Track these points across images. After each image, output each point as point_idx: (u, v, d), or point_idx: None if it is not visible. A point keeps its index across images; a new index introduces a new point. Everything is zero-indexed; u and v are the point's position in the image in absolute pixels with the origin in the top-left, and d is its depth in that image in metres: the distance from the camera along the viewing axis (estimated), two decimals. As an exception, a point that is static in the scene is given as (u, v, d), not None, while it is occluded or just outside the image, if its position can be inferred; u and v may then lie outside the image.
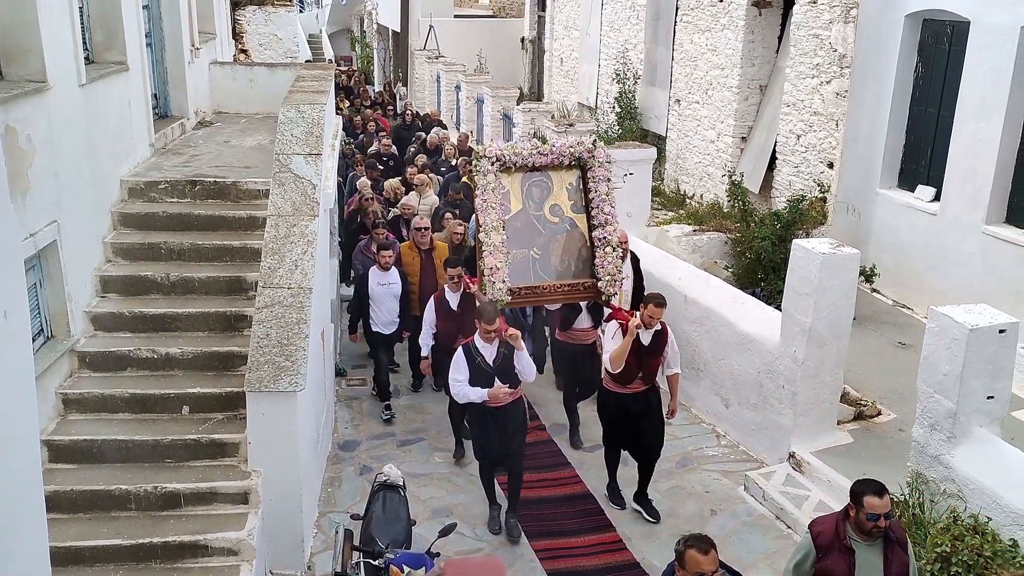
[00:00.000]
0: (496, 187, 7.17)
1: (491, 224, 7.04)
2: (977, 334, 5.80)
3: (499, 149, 7.28)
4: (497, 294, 7.02)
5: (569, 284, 7.44)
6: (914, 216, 10.40)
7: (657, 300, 6.67)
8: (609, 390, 6.99)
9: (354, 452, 8.29)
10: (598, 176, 7.45)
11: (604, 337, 6.95)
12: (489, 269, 6.99)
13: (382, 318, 8.78)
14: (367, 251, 9.51)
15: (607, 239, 7.39)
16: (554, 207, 7.47)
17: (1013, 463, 5.83)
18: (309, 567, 6.59)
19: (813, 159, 11.87)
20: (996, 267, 9.23)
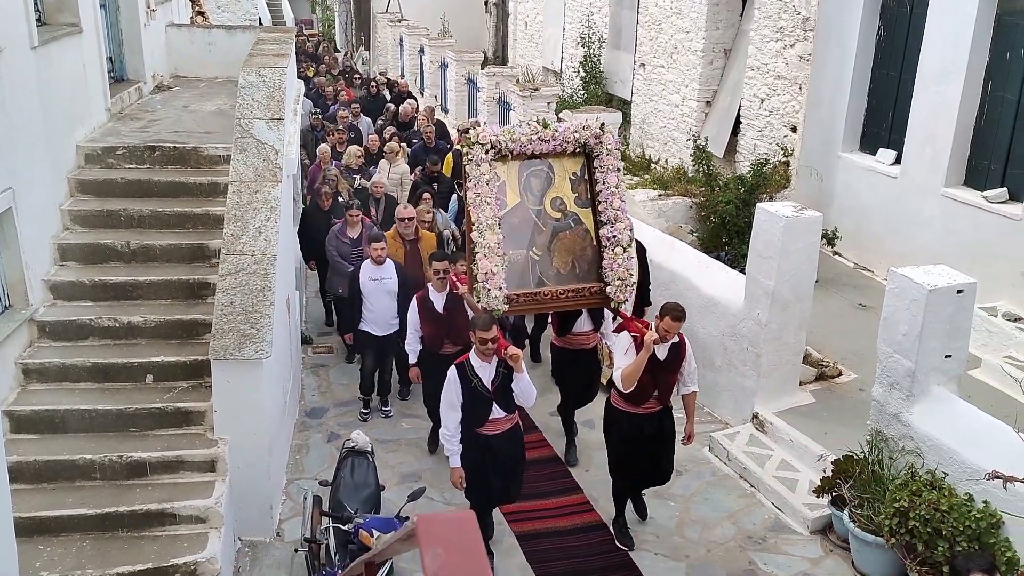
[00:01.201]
0: (491, 179, 6.11)
1: (485, 222, 6.01)
2: (936, 295, 5.92)
3: (494, 135, 6.19)
4: (492, 303, 6.00)
5: (574, 289, 6.38)
6: (875, 179, 10.53)
7: (675, 312, 5.89)
8: (619, 409, 6.20)
9: (321, 419, 8.28)
10: (606, 165, 6.39)
11: (615, 350, 6.15)
12: (483, 274, 5.98)
13: (374, 317, 7.95)
14: (342, 235, 8.94)
15: (617, 238, 6.33)
16: (556, 200, 6.43)
17: (969, 420, 5.98)
18: (278, 533, 6.61)
19: (777, 123, 11.94)
20: (955, 229, 9.39)
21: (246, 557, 6.35)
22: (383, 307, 7.88)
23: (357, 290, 7.90)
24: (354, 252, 8.76)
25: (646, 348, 5.79)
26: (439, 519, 1.01)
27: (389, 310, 7.89)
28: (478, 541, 0.96)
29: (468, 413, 5.77)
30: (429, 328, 7.18)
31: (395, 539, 1.60)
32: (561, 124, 6.38)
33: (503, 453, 5.92)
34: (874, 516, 5.88)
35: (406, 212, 8.64)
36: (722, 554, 6.38)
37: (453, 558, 0.90)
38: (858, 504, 6.07)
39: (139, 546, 5.75)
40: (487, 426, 5.82)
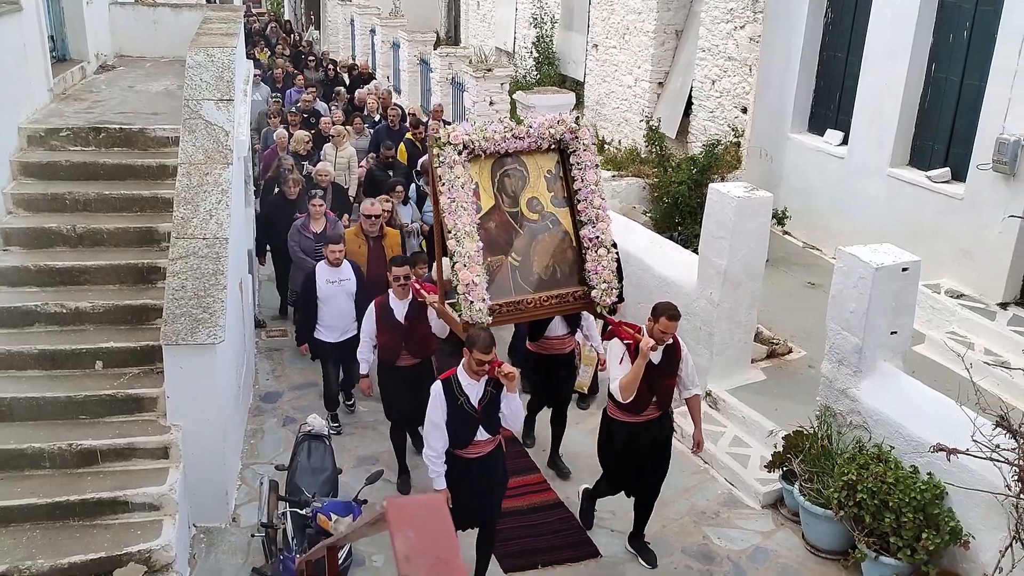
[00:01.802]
0: (466, 182, 5.62)
1: (463, 229, 5.52)
2: (882, 272, 6.06)
3: (466, 133, 5.68)
4: (477, 316, 5.51)
5: (557, 295, 5.93)
6: (823, 160, 10.71)
7: (670, 312, 5.52)
8: (617, 420, 5.84)
9: (276, 403, 8.22)
10: (583, 162, 5.96)
11: (608, 360, 5.78)
12: (465, 286, 5.49)
13: (330, 322, 7.47)
14: (304, 230, 8.53)
15: (600, 239, 5.92)
16: (532, 201, 5.97)
17: (914, 394, 6.15)
18: (234, 519, 6.56)
19: (728, 104, 12.06)
20: (899, 208, 9.60)
21: (201, 543, 6.30)
22: (341, 311, 7.45)
23: (313, 294, 7.43)
24: (317, 248, 8.35)
25: (643, 355, 5.42)
26: (409, 503, 1.01)
27: (348, 314, 7.46)
28: (448, 524, 0.96)
29: (451, 434, 5.31)
30: (386, 338, 6.65)
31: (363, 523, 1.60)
32: (535, 120, 5.92)
33: (484, 477, 5.47)
34: (823, 490, 6.03)
35: (373, 208, 8.12)
36: (677, 530, 6.49)
37: (424, 541, 0.91)
38: (808, 478, 6.21)
39: (91, 535, 5.67)
40: (470, 448, 5.37)
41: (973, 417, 5.01)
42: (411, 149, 11.53)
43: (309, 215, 8.64)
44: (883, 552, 5.61)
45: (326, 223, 8.62)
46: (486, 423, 5.35)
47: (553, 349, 6.97)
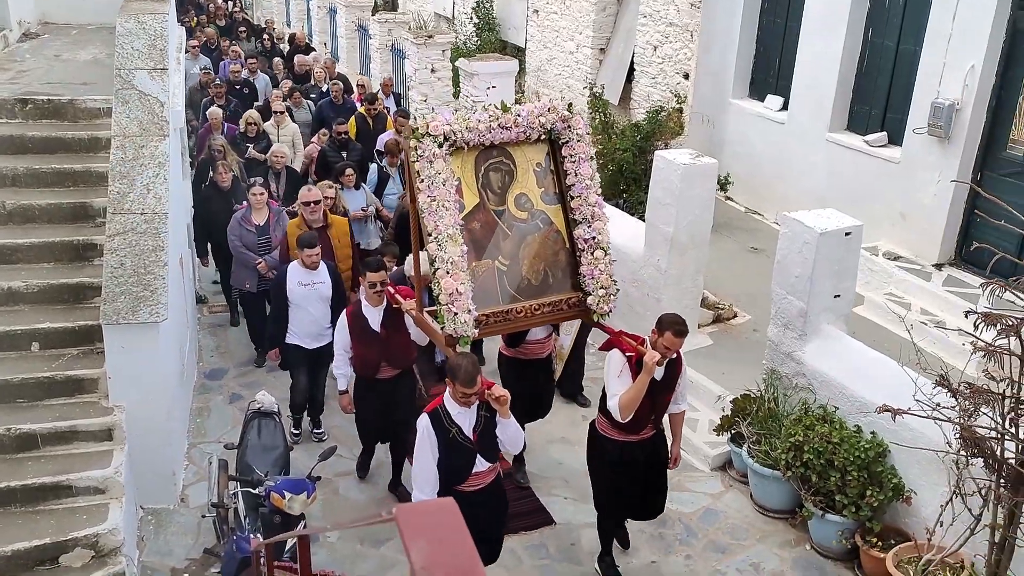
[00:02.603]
0: (448, 178, 5.04)
1: (446, 231, 4.96)
2: (826, 237, 6.16)
3: (447, 123, 5.09)
4: (462, 328, 4.97)
5: (550, 303, 5.41)
6: (764, 125, 10.82)
7: (677, 327, 5.05)
8: (609, 438, 5.39)
9: (221, 380, 8.07)
10: (577, 154, 5.42)
11: (607, 374, 5.28)
12: (448, 295, 4.94)
13: (304, 328, 6.80)
14: (246, 222, 7.85)
15: (596, 240, 5.42)
16: (520, 198, 5.43)
17: (857, 356, 6.29)
18: (182, 499, 6.45)
19: (670, 70, 12.08)
20: (838, 172, 9.77)
21: (150, 525, 6.18)
22: (315, 316, 6.80)
23: (283, 298, 6.74)
24: (262, 243, 7.83)
25: (647, 371, 4.97)
26: (418, 510, 0.97)
27: (323, 318, 6.80)
28: (463, 529, 0.93)
29: (446, 469, 4.78)
30: (362, 350, 6.06)
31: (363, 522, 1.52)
32: (523, 107, 5.35)
33: (486, 510, 4.90)
34: (771, 451, 6.16)
35: (311, 195, 7.43)
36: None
37: (439, 550, 0.87)
38: (756, 440, 6.34)
39: (35, 521, 5.51)
40: (469, 481, 4.87)
41: (914, 377, 5.16)
42: (362, 125, 10.83)
43: (249, 205, 7.92)
44: (829, 510, 5.76)
45: (269, 213, 7.94)
46: (484, 451, 4.84)
47: (532, 354, 6.42)
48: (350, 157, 9.81)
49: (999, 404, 4.60)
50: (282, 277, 6.79)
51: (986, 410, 4.66)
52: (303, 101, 12.08)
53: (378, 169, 9.54)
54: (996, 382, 4.64)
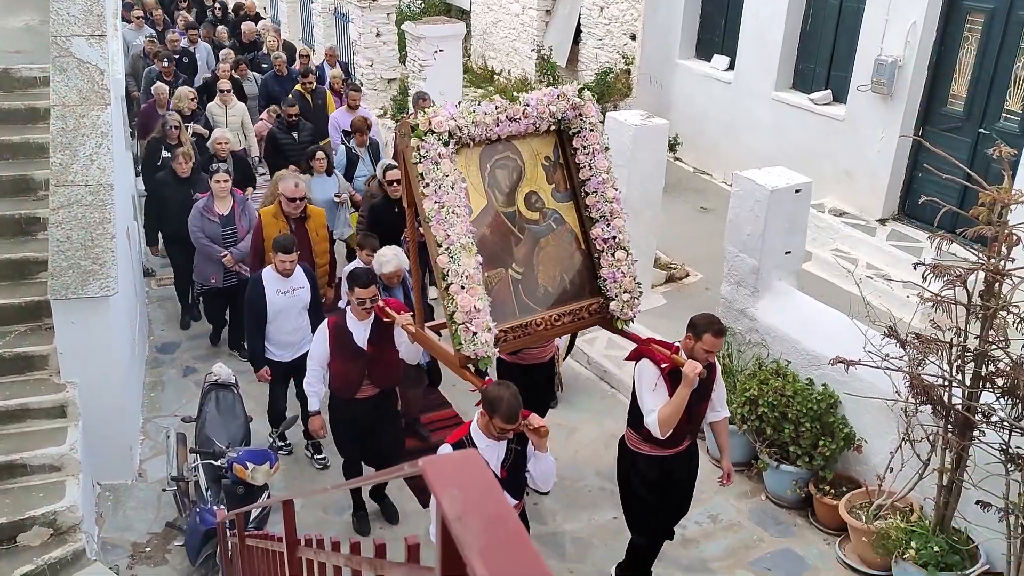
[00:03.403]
0: (456, 181, 4.49)
1: (458, 241, 4.44)
2: (777, 195, 6.26)
3: (451, 116, 4.52)
4: (483, 349, 4.47)
5: (569, 312, 4.95)
6: (711, 85, 10.89)
7: (716, 327, 4.60)
8: (643, 454, 4.88)
9: (174, 354, 7.95)
10: (591, 145, 4.96)
11: (639, 387, 4.76)
12: (465, 313, 4.43)
13: (281, 338, 6.20)
14: (208, 212, 7.25)
15: (617, 239, 4.98)
16: (531, 196, 4.94)
17: (808, 311, 6.43)
18: (140, 474, 6.38)
19: (617, 31, 12.07)
20: (785, 131, 9.90)
21: (108, 501, 6.11)
22: (295, 325, 6.21)
23: (262, 311, 6.08)
24: (227, 233, 7.28)
25: (688, 383, 4.50)
26: (446, 461, 0.98)
27: (302, 328, 6.21)
28: (491, 479, 0.93)
29: None
30: (343, 367, 5.39)
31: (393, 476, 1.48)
32: (531, 96, 4.86)
33: None
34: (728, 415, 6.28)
35: (297, 191, 6.81)
36: (589, 454, 6.67)
37: (473, 498, 0.87)
38: (711, 396, 6.45)
39: (-11, 501, 5.41)
40: None
41: (864, 330, 5.30)
42: (300, 102, 9.83)
43: (212, 194, 7.34)
44: (783, 461, 5.92)
45: (233, 202, 7.40)
46: (511, 488, 4.34)
47: (533, 358, 5.85)
48: (301, 138, 9.26)
49: (946, 352, 4.77)
50: (257, 286, 6.07)
51: (933, 359, 4.83)
52: (248, 73, 11.36)
53: (346, 151, 8.92)
54: (943, 331, 4.80)
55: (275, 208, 6.93)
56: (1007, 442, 4.66)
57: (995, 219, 4.56)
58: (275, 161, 9.16)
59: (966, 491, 4.93)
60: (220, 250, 7.26)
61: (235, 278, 7.35)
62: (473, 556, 0.80)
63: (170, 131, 8.45)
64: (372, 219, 7.41)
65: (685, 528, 5.92)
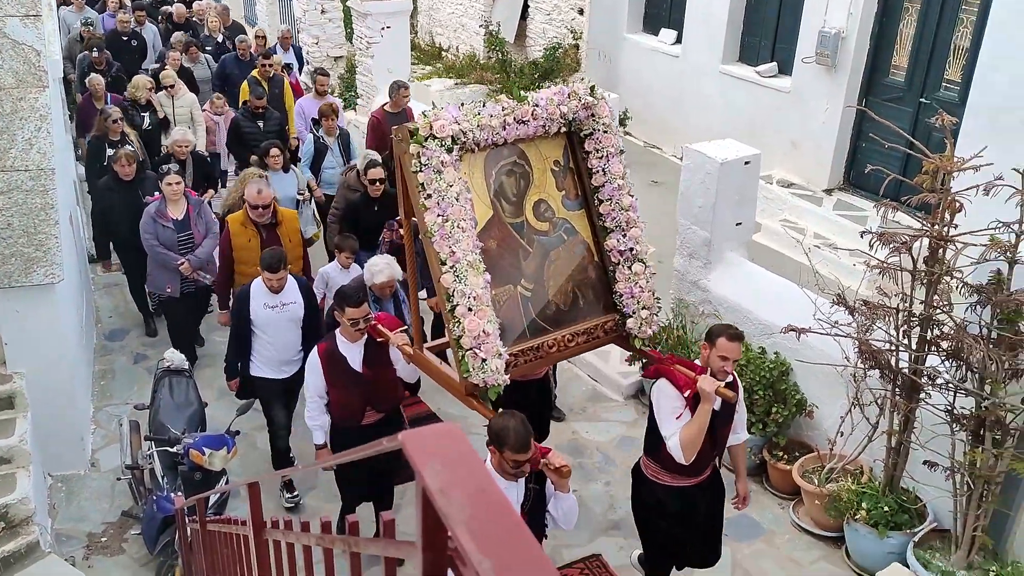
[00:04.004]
0: (462, 192, 4.12)
1: (465, 258, 4.06)
2: (727, 167, 6.33)
3: (454, 119, 4.15)
4: (493, 377, 4.09)
5: (584, 331, 4.60)
6: (658, 59, 10.95)
7: (731, 331, 4.25)
8: (662, 484, 4.48)
9: (123, 341, 7.80)
10: (604, 147, 4.60)
11: (657, 411, 4.34)
12: (474, 337, 4.06)
13: (270, 354, 5.68)
14: (162, 218, 6.71)
15: (634, 251, 4.67)
16: (540, 205, 4.57)
17: (759, 281, 6.54)
18: (93, 464, 6.27)
19: (564, 6, 12.04)
20: (732, 104, 10.00)
21: (61, 492, 6.00)
22: (285, 342, 5.70)
23: (246, 324, 5.63)
24: (183, 240, 6.77)
25: (706, 398, 4.12)
26: (426, 434, 0.97)
27: (294, 344, 5.72)
28: (472, 452, 0.93)
29: None
30: (343, 395, 4.98)
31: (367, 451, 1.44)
32: (540, 95, 4.47)
33: None
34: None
35: (260, 198, 6.21)
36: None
37: (456, 472, 0.87)
38: (666, 367, 6.54)
39: (-63, 497, 5.28)
40: None
41: (813, 298, 5.41)
42: (256, 90, 9.06)
43: (164, 197, 6.79)
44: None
45: (187, 205, 6.85)
46: (532, 530, 3.55)
47: (529, 375, 5.11)
48: (267, 127, 8.67)
49: (893, 318, 4.89)
50: (243, 299, 5.64)
51: (881, 324, 4.95)
52: (200, 55, 10.75)
53: (314, 140, 8.40)
54: (889, 298, 4.92)
55: (243, 215, 6.37)
56: (952, 403, 4.81)
57: (938, 186, 4.67)
58: (239, 152, 8.68)
59: (914, 452, 5.08)
60: (176, 257, 6.72)
61: (192, 285, 6.89)
62: (459, 528, 0.81)
63: (111, 126, 7.95)
64: (350, 217, 7.06)
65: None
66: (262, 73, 9.55)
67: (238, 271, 6.33)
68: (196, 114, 9.33)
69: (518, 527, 0.83)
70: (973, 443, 4.74)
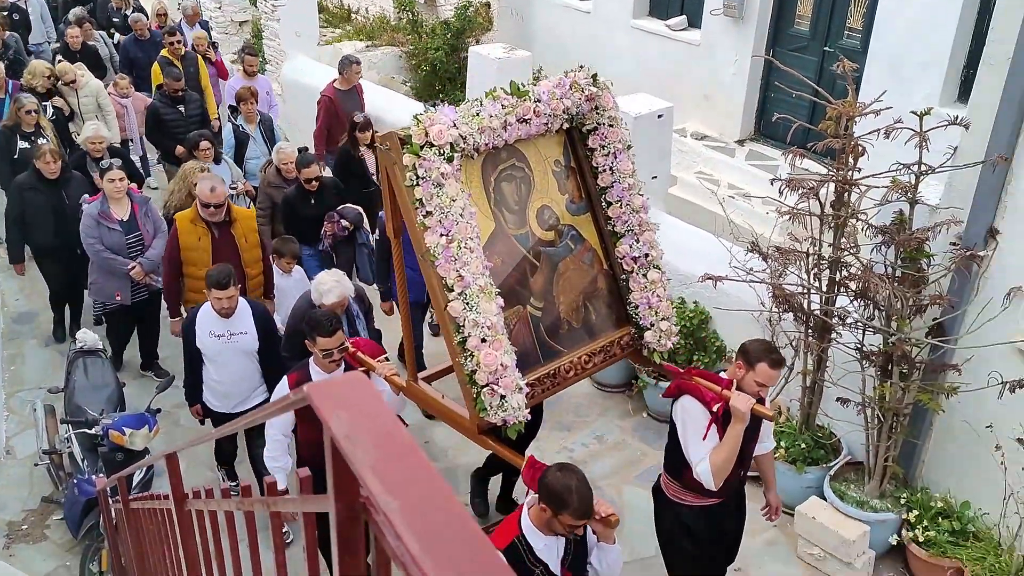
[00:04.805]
0: (465, 205, 3.64)
1: (476, 283, 3.60)
2: (640, 120, 6.38)
3: (451, 122, 3.66)
4: (514, 415, 3.65)
5: (600, 348, 4.20)
6: (571, 15, 10.93)
7: (773, 356, 3.81)
8: (687, 505, 4.11)
9: (32, 324, 7.52)
10: (611, 143, 4.17)
11: (685, 434, 3.92)
12: (491, 372, 3.59)
13: (217, 387, 5.12)
14: (106, 219, 6.06)
15: (649, 257, 4.28)
16: (543, 212, 4.12)
17: (677, 233, 6.63)
18: (8, 452, 6.07)
19: (473, -36, 11.90)
20: (645, 58, 10.07)
21: (-25, 483, 5.80)
22: (237, 374, 5.07)
23: (192, 350, 5.05)
24: (131, 241, 6.15)
25: (740, 419, 3.75)
26: (330, 384, 0.96)
27: (249, 378, 5.13)
28: (379, 397, 0.92)
29: None
30: (315, 434, 3.57)
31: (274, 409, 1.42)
32: (541, 88, 3.98)
33: None
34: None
35: (214, 196, 5.59)
36: (475, 388, 6.74)
37: (362, 418, 0.86)
38: (590, 321, 6.62)
39: None
40: None
41: (729, 247, 5.53)
42: (172, 71, 8.42)
43: (104, 196, 6.13)
44: (661, 378, 6.16)
45: (132, 204, 6.21)
46: None
47: None
48: (189, 111, 8.09)
49: (804, 262, 5.04)
50: (189, 325, 5.03)
51: (793, 269, 5.09)
52: (93, 33, 9.98)
53: (234, 129, 7.79)
54: (800, 242, 5.06)
55: (192, 212, 5.73)
56: (861, 341, 5.00)
57: (841, 132, 4.80)
58: (159, 141, 8.18)
59: (827, 390, 5.27)
60: (126, 262, 6.07)
61: (145, 291, 6.27)
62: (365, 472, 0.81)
63: (25, 117, 7.31)
64: (286, 215, 6.61)
65: (573, 451, 6.12)
66: (172, 52, 8.85)
67: (187, 273, 5.73)
68: (104, 102, 8.50)
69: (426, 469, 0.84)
70: (882, 378, 4.94)
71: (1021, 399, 4.45)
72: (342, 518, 0.99)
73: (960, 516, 4.95)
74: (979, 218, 4.66)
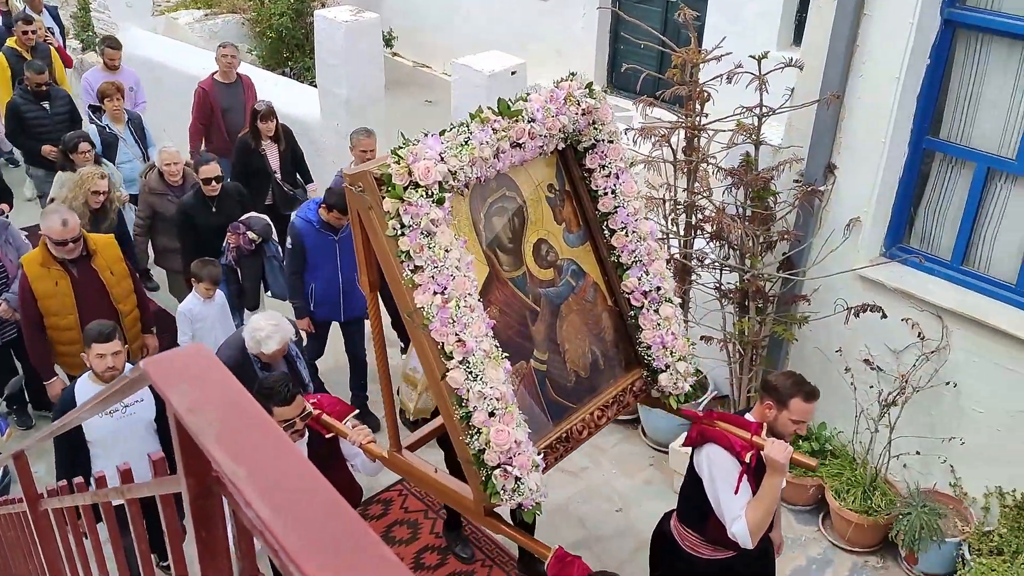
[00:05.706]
0: (461, 256, 3.08)
1: (480, 348, 3.07)
2: (494, 78, 6.38)
3: (437, 156, 3.07)
4: (531, 497, 3.11)
5: (613, 399, 3.70)
6: (418, -24, 10.77)
7: (806, 389, 3.42)
8: (703, 559, 3.71)
9: None
10: (612, 162, 3.64)
11: (715, 488, 3.46)
12: (503, 452, 3.05)
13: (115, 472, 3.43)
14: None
15: (662, 291, 3.71)
16: (540, 248, 3.58)
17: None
18: None
19: (313, -75, 11.51)
20: (496, 17, 10.05)
21: None
22: (137, 452, 3.73)
23: (77, 438, 3.97)
24: None
25: (779, 471, 3.33)
26: (165, 357, 0.90)
27: (146, 465, 3.13)
28: (222, 368, 0.88)
29: None
30: None
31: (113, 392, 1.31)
32: (533, 104, 3.42)
33: None
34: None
35: (67, 231, 4.68)
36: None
37: (206, 390, 0.82)
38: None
39: None
40: None
41: (589, 197, 5.63)
42: (16, 64, 7.67)
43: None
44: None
45: None
46: None
47: None
48: (55, 108, 7.20)
49: (661, 208, 5.19)
50: (67, 406, 3.83)
51: (651, 216, 5.24)
52: None
53: (99, 131, 6.90)
54: (656, 189, 5.21)
55: (40, 253, 4.78)
56: (719, 280, 5.21)
57: (687, 79, 4.94)
58: (24, 143, 7.30)
59: (691, 329, 5.48)
60: (7, 294, 5.20)
61: (14, 329, 5.33)
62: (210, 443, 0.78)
63: None
64: (182, 226, 5.81)
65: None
66: (23, 42, 7.84)
67: (50, 325, 4.82)
68: None
69: (275, 435, 0.82)
70: (740, 314, 5.17)
71: (865, 323, 4.76)
72: (194, 494, 0.95)
73: (818, 437, 5.27)
74: (817, 155, 4.91)
